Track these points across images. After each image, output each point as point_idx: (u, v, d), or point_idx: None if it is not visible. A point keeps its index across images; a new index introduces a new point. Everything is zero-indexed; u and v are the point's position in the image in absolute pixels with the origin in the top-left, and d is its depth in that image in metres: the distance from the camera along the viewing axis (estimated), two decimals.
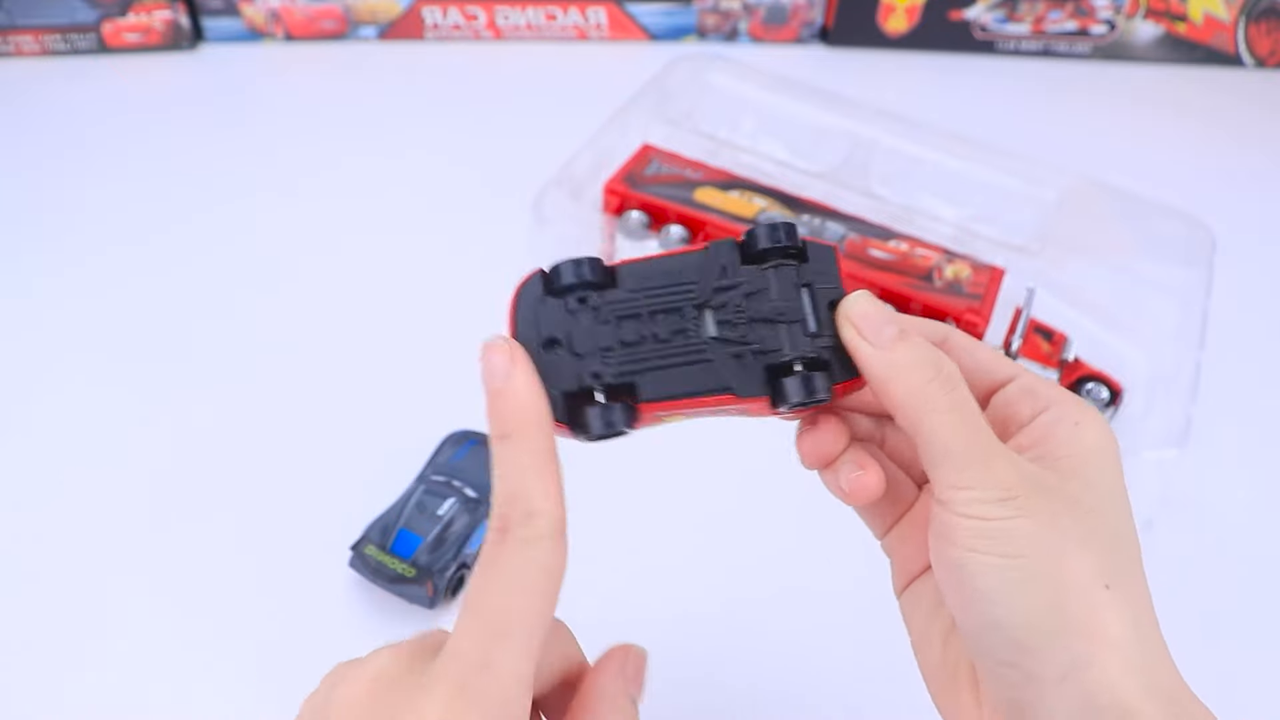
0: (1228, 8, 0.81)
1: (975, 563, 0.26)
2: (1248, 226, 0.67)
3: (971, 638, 0.27)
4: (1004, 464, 0.26)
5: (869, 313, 0.27)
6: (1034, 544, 0.25)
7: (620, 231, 0.57)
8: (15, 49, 0.79)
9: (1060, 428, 0.28)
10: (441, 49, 0.83)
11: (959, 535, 0.26)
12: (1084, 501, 0.27)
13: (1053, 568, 0.25)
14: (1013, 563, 0.25)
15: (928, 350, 0.27)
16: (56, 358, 0.57)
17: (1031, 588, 0.25)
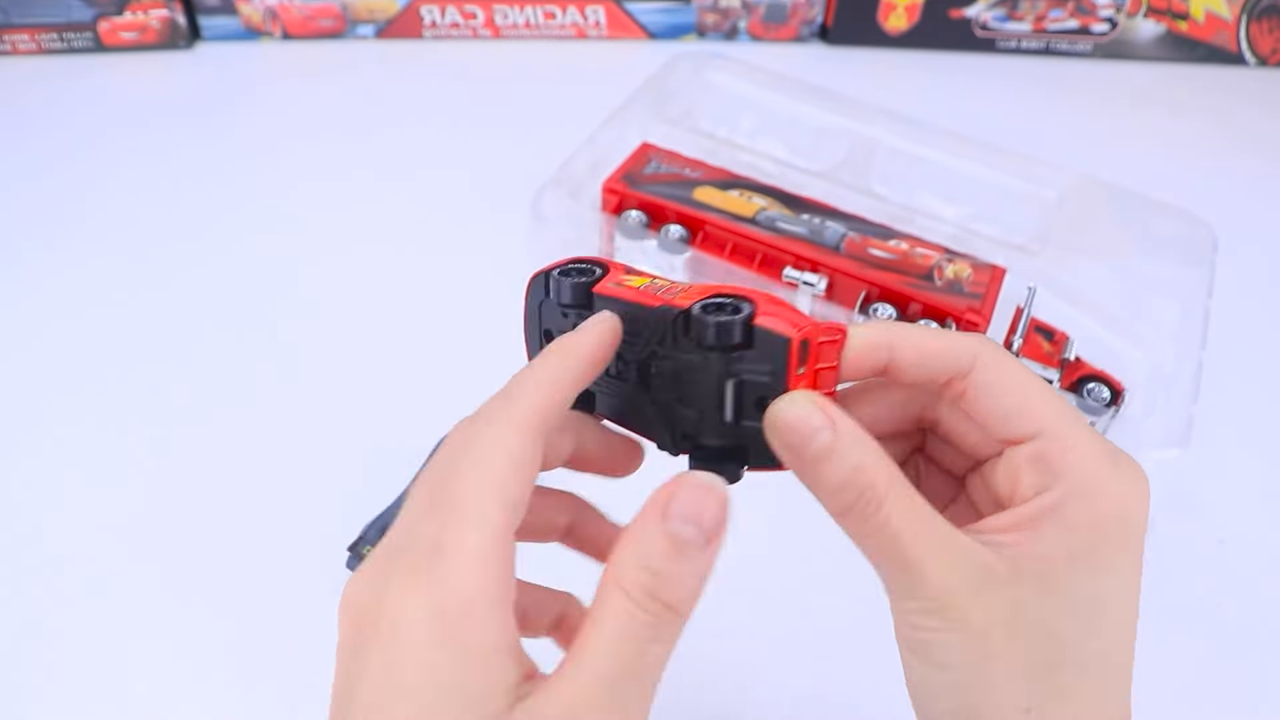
0: (1229, 6, 0.80)
1: (908, 662, 0.26)
2: (1249, 225, 0.67)
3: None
4: (940, 568, 0.24)
5: (793, 424, 0.25)
6: (959, 658, 0.25)
7: (619, 230, 0.57)
8: (12, 48, 0.79)
9: (1053, 521, 0.25)
10: (439, 47, 0.83)
11: (898, 632, 0.26)
12: (1029, 610, 0.24)
13: (973, 684, 0.25)
14: (938, 674, 0.25)
15: (853, 464, 0.24)
16: (53, 357, 0.57)
17: (953, 699, 0.25)
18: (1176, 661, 0.30)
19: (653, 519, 0.23)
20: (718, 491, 0.23)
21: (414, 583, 0.23)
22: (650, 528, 0.23)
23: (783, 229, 0.56)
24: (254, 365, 0.57)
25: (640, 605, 0.22)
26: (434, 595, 0.22)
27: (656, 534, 0.23)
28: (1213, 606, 0.48)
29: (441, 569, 0.22)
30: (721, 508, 0.23)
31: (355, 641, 0.24)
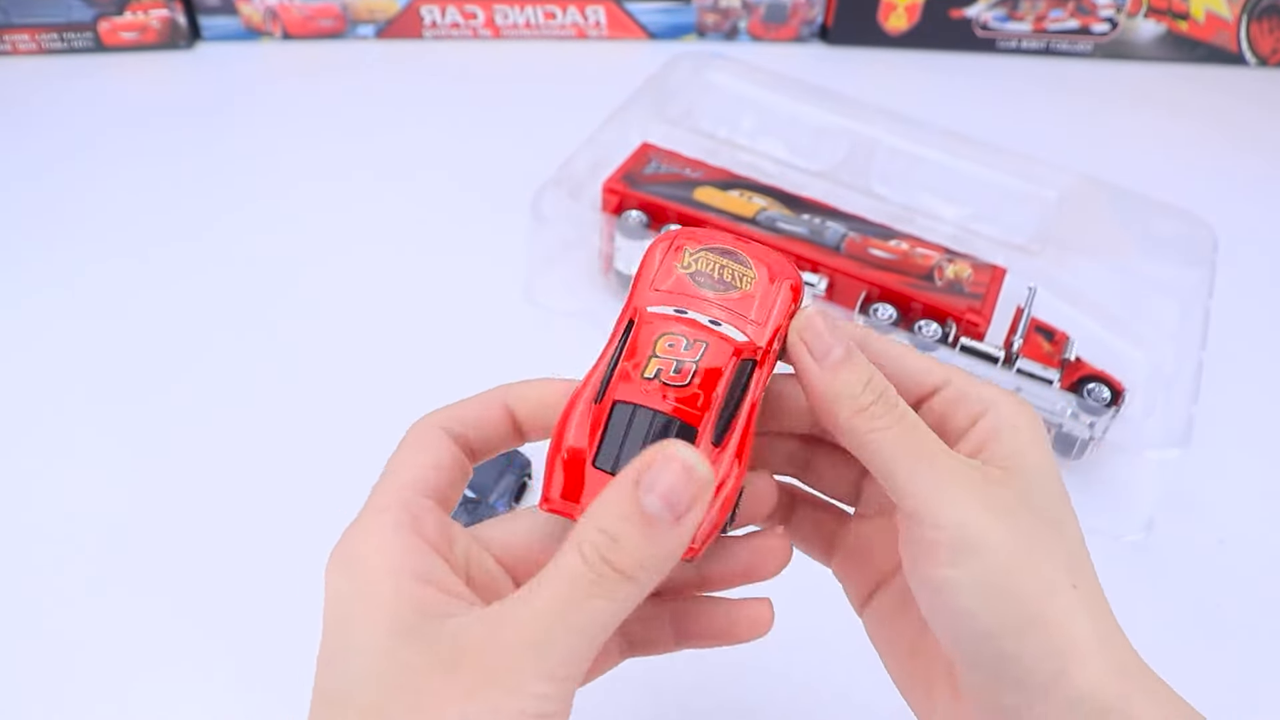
0: (1230, 6, 0.80)
1: (957, 578, 0.25)
2: (1249, 225, 0.67)
3: (956, 649, 0.26)
4: (968, 473, 0.26)
5: (820, 330, 0.27)
6: (1011, 553, 0.25)
7: (619, 231, 0.57)
8: (12, 48, 0.79)
9: (1002, 433, 0.27)
10: (440, 48, 0.83)
11: (939, 552, 0.25)
12: (1035, 503, 0.26)
13: (1031, 576, 0.25)
14: (993, 576, 0.25)
15: (872, 372, 0.27)
16: (53, 358, 0.57)
17: (1013, 599, 0.25)
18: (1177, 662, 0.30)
19: (626, 485, 0.23)
20: (698, 474, 0.23)
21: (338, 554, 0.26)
22: (621, 494, 0.23)
23: (783, 229, 0.56)
24: (255, 365, 0.57)
25: (590, 564, 0.23)
26: (345, 547, 0.26)
27: (625, 501, 0.23)
28: (1213, 606, 0.48)
29: (354, 533, 0.27)
30: (698, 493, 0.23)
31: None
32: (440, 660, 0.23)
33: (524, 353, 0.57)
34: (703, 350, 0.27)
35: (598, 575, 0.23)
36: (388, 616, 0.24)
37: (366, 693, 0.23)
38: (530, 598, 0.23)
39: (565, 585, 0.23)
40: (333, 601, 0.25)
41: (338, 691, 0.24)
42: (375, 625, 0.24)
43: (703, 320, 0.28)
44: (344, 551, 0.26)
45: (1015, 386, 0.51)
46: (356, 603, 0.24)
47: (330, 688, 0.24)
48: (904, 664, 0.30)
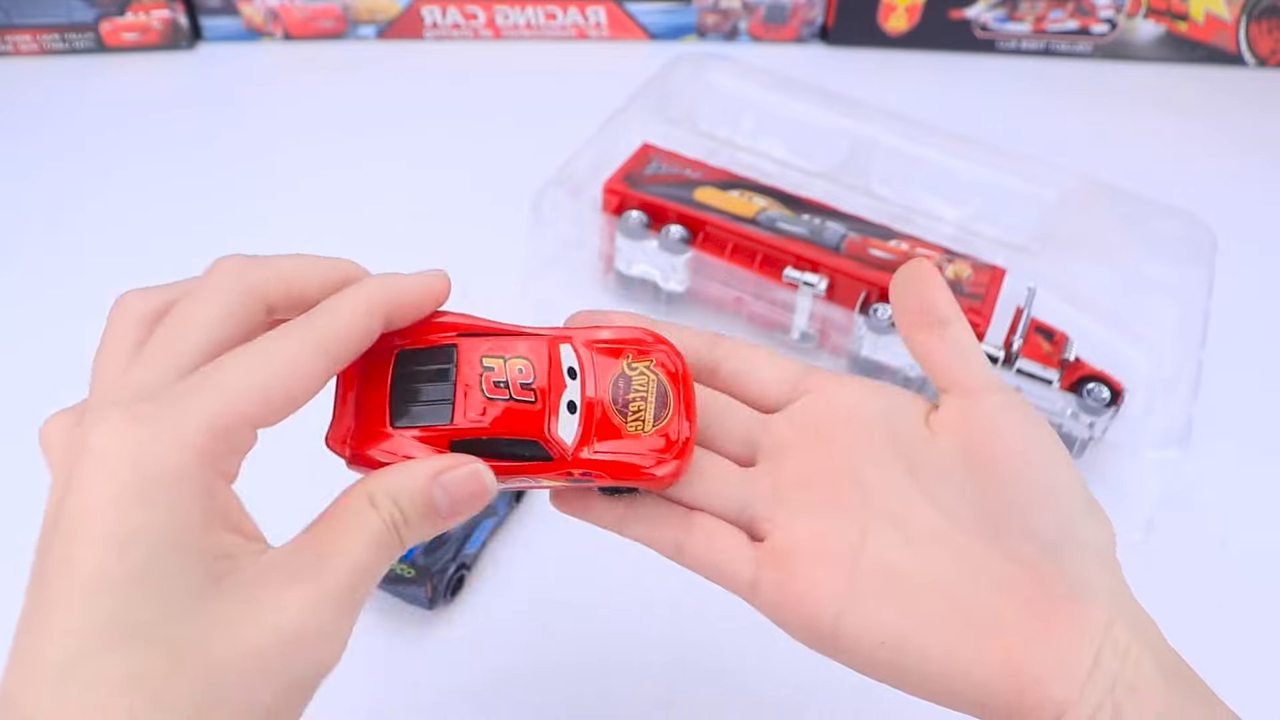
0: (1229, 7, 0.81)
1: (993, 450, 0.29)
2: (1249, 225, 0.67)
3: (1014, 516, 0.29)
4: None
5: (929, 274, 0.31)
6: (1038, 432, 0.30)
7: (620, 231, 0.57)
8: (13, 48, 0.79)
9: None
10: (440, 48, 0.83)
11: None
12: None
13: (1060, 451, 0.29)
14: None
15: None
16: (53, 358, 0.57)
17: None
18: None
19: (423, 472, 0.26)
20: (483, 483, 0.27)
21: (126, 424, 0.23)
22: (418, 476, 0.26)
23: (783, 229, 0.56)
24: None
25: (388, 527, 0.25)
26: (141, 441, 0.23)
27: (419, 485, 0.26)
28: (1213, 606, 0.48)
29: (162, 421, 0.23)
30: (478, 499, 0.27)
31: (65, 476, 0.24)
32: (236, 608, 0.23)
33: None
34: (527, 400, 0.29)
35: (392, 541, 0.26)
36: (196, 565, 0.23)
37: (179, 631, 0.22)
38: (341, 560, 0.25)
39: (370, 548, 0.25)
40: (115, 515, 0.22)
41: (133, 623, 0.22)
42: (183, 570, 0.23)
43: (567, 396, 0.29)
44: (139, 461, 0.23)
45: (1015, 386, 0.51)
46: (162, 536, 0.23)
47: (123, 617, 0.22)
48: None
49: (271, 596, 0.23)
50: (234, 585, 0.23)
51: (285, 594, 0.24)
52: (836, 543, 0.30)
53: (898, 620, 0.29)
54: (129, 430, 0.23)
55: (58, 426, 0.27)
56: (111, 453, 0.23)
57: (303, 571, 0.24)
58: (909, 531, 0.30)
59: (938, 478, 0.30)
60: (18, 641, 0.23)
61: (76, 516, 0.23)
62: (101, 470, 0.23)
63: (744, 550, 0.31)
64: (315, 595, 0.24)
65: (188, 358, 0.25)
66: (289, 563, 0.24)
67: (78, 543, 0.22)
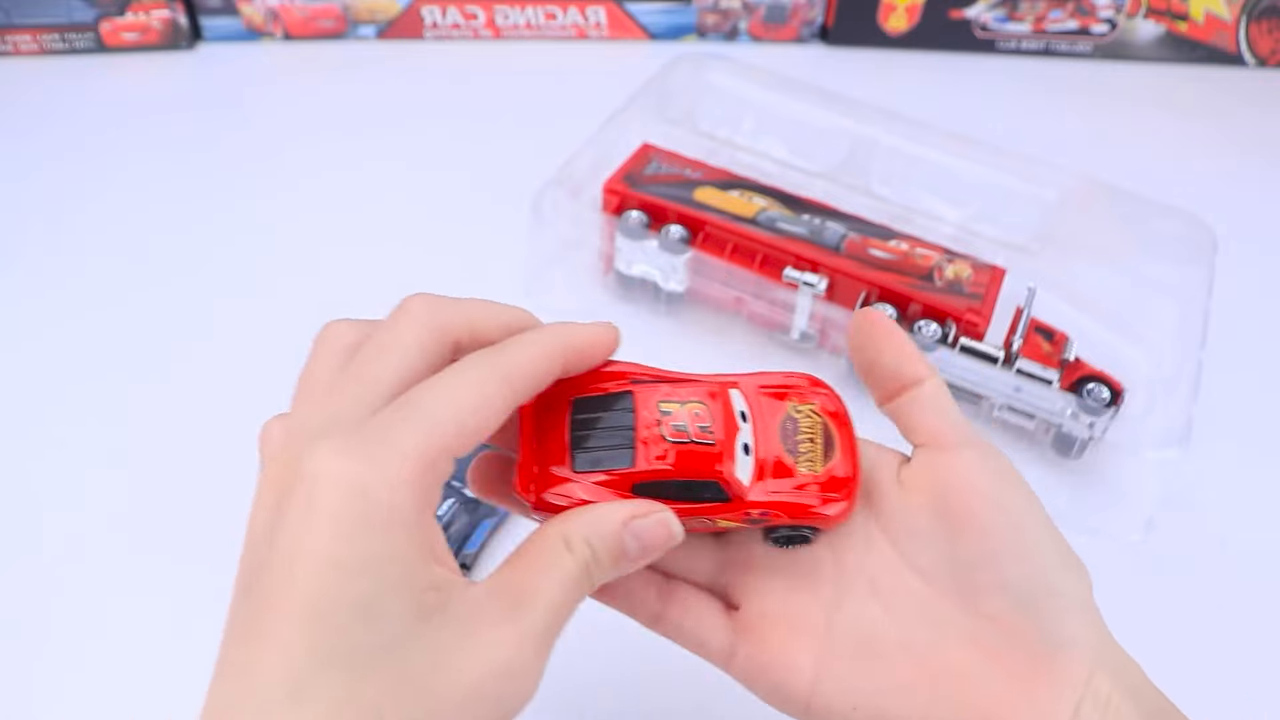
0: (1229, 7, 0.80)
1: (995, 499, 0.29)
2: (1249, 226, 0.67)
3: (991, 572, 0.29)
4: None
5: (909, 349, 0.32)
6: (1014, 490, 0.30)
7: (620, 231, 0.57)
8: (13, 48, 0.79)
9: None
10: (440, 48, 0.83)
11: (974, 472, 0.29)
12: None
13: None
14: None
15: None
16: (53, 358, 0.57)
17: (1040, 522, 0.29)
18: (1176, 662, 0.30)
19: (617, 517, 0.27)
20: (671, 531, 0.28)
21: (344, 453, 0.24)
22: (611, 520, 0.27)
23: (783, 229, 0.56)
24: (255, 365, 0.57)
25: (582, 569, 0.26)
26: (361, 472, 0.23)
27: (612, 530, 0.27)
28: (1213, 606, 0.48)
29: (378, 452, 0.24)
30: (664, 545, 0.28)
31: (277, 494, 0.24)
32: (447, 640, 0.24)
33: None
34: (706, 442, 0.29)
35: (585, 583, 0.26)
36: (413, 597, 0.24)
37: (390, 663, 0.23)
38: (540, 602, 0.25)
39: (566, 589, 0.26)
40: (340, 543, 0.23)
41: (353, 650, 0.23)
42: (401, 602, 0.23)
43: (742, 439, 0.30)
44: (363, 492, 0.23)
45: (1015, 386, 0.51)
46: (385, 567, 0.23)
47: (345, 644, 0.23)
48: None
49: (481, 631, 0.24)
50: (444, 620, 0.24)
51: (494, 630, 0.24)
52: (808, 610, 0.30)
53: (870, 686, 0.29)
54: (347, 461, 0.23)
55: (276, 433, 0.27)
56: (333, 482, 0.23)
57: (507, 608, 0.25)
58: (881, 592, 0.30)
59: (909, 534, 0.30)
60: (231, 656, 0.24)
61: (299, 540, 0.23)
62: (325, 498, 0.23)
63: (719, 620, 0.32)
64: (520, 634, 0.25)
65: (385, 385, 0.26)
66: (494, 600, 0.25)
67: (301, 566, 0.23)
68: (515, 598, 0.25)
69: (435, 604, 0.24)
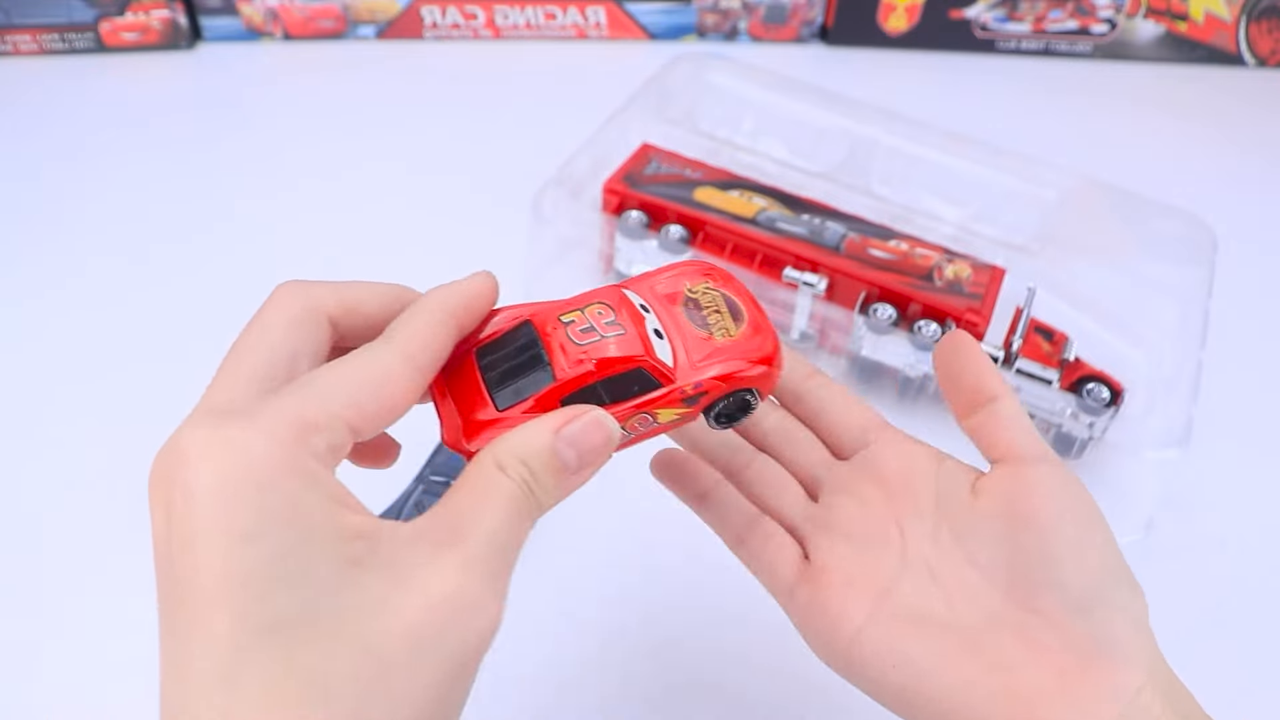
0: (1229, 7, 0.81)
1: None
2: (1249, 226, 0.67)
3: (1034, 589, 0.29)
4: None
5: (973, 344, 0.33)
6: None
7: (620, 231, 0.57)
8: (13, 48, 0.79)
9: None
10: (440, 48, 0.83)
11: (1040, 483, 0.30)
12: None
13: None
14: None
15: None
16: (52, 358, 0.57)
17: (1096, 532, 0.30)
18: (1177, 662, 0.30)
19: (546, 429, 0.26)
20: (607, 430, 0.27)
21: (213, 425, 0.23)
22: (540, 434, 0.26)
23: (783, 229, 0.56)
24: None
25: (522, 489, 0.25)
26: (232, 437, 0.23)
27: (543, 442, 0.26)
28: (1213, 606, 0.48)
29: (252, 419, 0.23)
30: (605, 446, 0.27)
31: (164, 489, 0.23)
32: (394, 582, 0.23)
33: None
34: (619, 333, 0.29)
35: (529, 504, 0.25)
36: (332, 548, 0.22)
37: (319, 622, 0.22)
38: (471, 523, 0.24)
39: (506, 513, 0.25)
40: (231, 510, 0.22)
41: (279, 616, 0.21)
42: (320, 554, 0.22)
43: (650, 325, 0.30)
44: (241, 452, 0.22)
45: (1015, 386, 0.51)
46: (287, 523, 0.22)
47: (265, 613, 0.21)
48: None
49: (415, 569, 0.23)
50: (374, 563, 0.23)
51: (429, 565, 0.23)
52: (871, 574, 0.32)
53: (914, 647, 0.30)
54: (219, 431, 0.23)
55: (158, 458, 0.25)
56: (209, 452, 0.22)
57: (442, 541, 0.24)
58: (940, 579, 0.31)
59: (975, 535, 0.31)
60: (166, 652, 0.23)
61: (189, 518, 0.22)
62: (202, 470, 0.22)
63: (792, 556, 0.34)
64: (458, 562, 0.23)
65: (259, 367, 0.25)
66: (426, 535, 0.24)
67: (200, 544, 0.22)
68: (451, 529, 0.24)
69: (362, 551, 0.23)
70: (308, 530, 0.22)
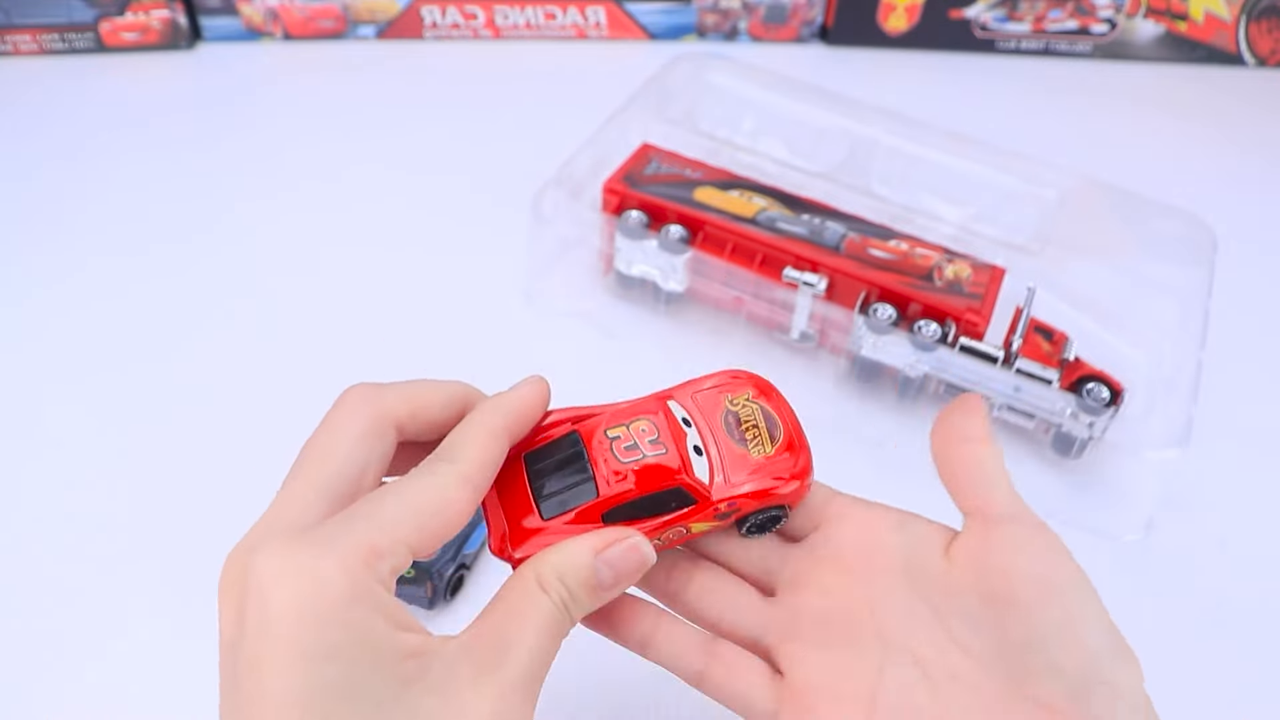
0: (1229, 6, 0.81)
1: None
2: (1249, 225, 0.67)
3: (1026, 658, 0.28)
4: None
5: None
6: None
7: (619, 231, 0.57)
8: (13, 48, 0.79)
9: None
10: (440, 48, 0.83)
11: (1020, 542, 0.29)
12: None
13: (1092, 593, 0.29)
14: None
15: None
16: (52, 358, 0.57)
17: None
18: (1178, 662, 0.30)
19: (586, 549, 0.28)
20: (643, 554, 0.29)
21: (288, 553, 0.24)
22: (581, 554, 0.28)
23: (783, 229, 0.56)
24: (255, 365, 0.57)
25: (559, 608, 0.27)
26: (306, 565, 0.24)
27: (583, 562, 0.28)
28: (1213, 606, 0.48)
29: (323, 546, 0.24)
30: (638, 569, 0.29)
31: (235, 608, 0.25)
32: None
33: (524, 353, 0.57)
34: (660, 453, 0.30)
35: (564, 621, 0.27)
36: (389, 669, 0.24)
37: None
38: (513, 643, 0.26)
39: (545, 632, 0.27)
40: (303, 633, 0.23)
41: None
42: (379, 676, 0.24)
43: (691, 442, 0.31)
44: (313, 581, 0.24)
45: (1015, 386, 0.51)
46: (354, 647, 0.24)
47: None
48: None
49: (461, 690, 0.25)
50: (426, 687, 0.25)
51: (473, 688, 0.25)
52: (854, 683, 0.30)
53: None
54: (294, 555, 0.24)
55: (231, 562, 0.27)
56: (281, 579, 0.24)
57: (488, 663, 0.26)
58: (927, 669, 0.29)
59: (957, 612, 0.29)
60: None
61: (262, 641, 0.23)
62: (277, 596, 0.23)
63: (764, 680, 0.31)
64: (503, 686, 0.25)
65: (331, 480, 0.27)
66: (473, 652, 0.26)
67: (268, 667, 0.23)
68: (495, 649, 0.26)
69: (415, 671, 0.25)
70: (373, 654, 0.24)
